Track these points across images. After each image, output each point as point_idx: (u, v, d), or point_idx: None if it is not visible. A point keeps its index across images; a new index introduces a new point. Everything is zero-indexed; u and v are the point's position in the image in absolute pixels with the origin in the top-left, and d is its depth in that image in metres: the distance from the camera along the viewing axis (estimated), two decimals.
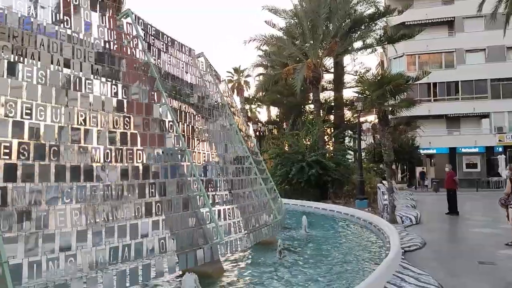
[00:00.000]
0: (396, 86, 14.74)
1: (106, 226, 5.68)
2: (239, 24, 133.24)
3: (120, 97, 6.70)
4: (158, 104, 7.53)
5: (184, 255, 6.40)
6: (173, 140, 7.70)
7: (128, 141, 6.55)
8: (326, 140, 29.49)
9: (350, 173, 23.83)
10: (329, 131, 31.73)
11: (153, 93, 7.53)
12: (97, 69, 6.41)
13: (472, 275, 7.62)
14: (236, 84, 60.39)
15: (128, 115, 6.72)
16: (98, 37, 6.76)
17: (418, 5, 40.88)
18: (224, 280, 7.32)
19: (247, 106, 51.89)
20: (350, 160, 27.97)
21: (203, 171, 8.48)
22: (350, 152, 29.42)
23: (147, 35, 8.21)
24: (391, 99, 15.49)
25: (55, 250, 4.89)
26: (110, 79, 6.63)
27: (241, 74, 61.36)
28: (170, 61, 8.83)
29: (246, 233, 8.54)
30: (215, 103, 10.23)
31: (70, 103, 5.77)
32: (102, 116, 6.24)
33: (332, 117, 34.87)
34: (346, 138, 34.18)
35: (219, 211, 8.00)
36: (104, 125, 6.25)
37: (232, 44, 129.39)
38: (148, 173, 6.75)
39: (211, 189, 8.26)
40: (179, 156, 7.68)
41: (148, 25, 8.29)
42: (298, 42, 29.21)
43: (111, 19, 7.08)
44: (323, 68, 30.37)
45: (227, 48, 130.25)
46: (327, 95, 38.50)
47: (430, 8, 41.27)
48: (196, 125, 8.78)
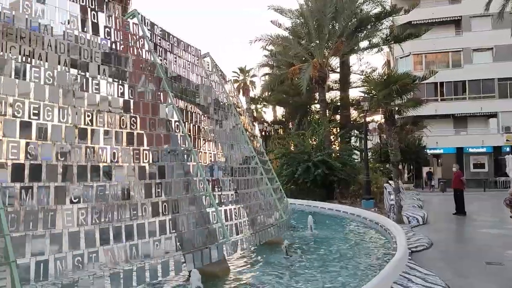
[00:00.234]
0: (402, 86, 14.66)
1: (114, 226, 5.70)
2: (244, 26, 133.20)
3: (126, 97, 6.74)
4: (164, 104, 7.55)
5: (191, 255, 6.42)
6: (179, 140, 7.72)
7: (135, 141, 6.58)
8: (332, 140, 29.43)
9: (356, 173, 23.75)
10: (335, 131, 31.67)
11: (159, 93, 7.56)
12: (103, 69, 6.45)
13: (480, 276, 7.57)
14: (242, 84, 60.39)
15: (134, 115, 6.75)
16: (105, 37, 6.80)
17: (424, 4, 40.65)
18: (231, 279, 7.33)
19: (253, 106, 51.90)
20: (356, 160, 27.85)
21: (209, 171, 8.50)
22: (356, 152, 29.32)
23: (153, 35, 8.23)
24: (397, 99, 15.40)
25: (62, 249, 4.92)
26: (116, 79, 6.66)
27: (246, 74, 61.36)
28: (176, 61, 8.85)
29: (252, 233, 8.54)
30: (221, 103, 10.23)
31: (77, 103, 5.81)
32: (109, 116, 6.28)
33: (338, 117, 34.80)
34: (352, 138, 34.06)
35: (225, 211, 8.01)
36: (111, 125, 6.28)
37: (237, 45, 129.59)
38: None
39: (217, 189, 8.27)
40: (185, 156, 7.69)
41: (155, 25, 8.31)
42: (304, 41, 29.16)
43: (117, 20, 7.11)
44: (329, 67, 30.30)
45: (233, 49, 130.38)
46: (333, 94, 38.42)
47: (437, 7, 41.04)
48: (202, 125, 8.80)
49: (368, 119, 28.18)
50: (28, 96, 5.23)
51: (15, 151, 4.88)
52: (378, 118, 34.24)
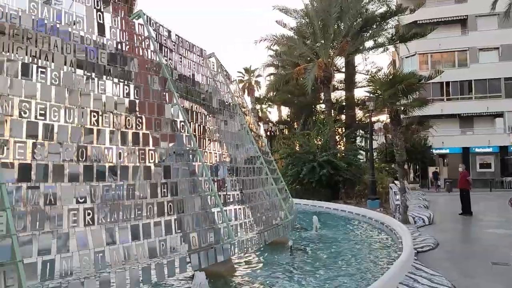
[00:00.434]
0: (408, 85, 14.62)
1: (119, 226, 5.72)
2: (246, 26, 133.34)
3: (132, 98, 6.76)
4: (169, 105, 7.57)
5: (196, 255, 6.43)
6: (185, 140, 7.73)
7: (140, 141, 6.61)
8: (337, 140, 29.37)
9: (362, 173, 23.69)
10: (340, 131, 31.61)
11: (164, 93, 7.58)
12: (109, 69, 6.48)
13: (486, 276, 7.53)
14: (247, 84, 60.53)
15: (140, 116, 6.77)
16: (111, 38, 6.83)
17: (430, 4, 40.55)
18: (236, 279, 7.34)
19: (258, 106, 51.95)
20: (362, 160, 27.81)
21: (214, 171, 8.50)
22: (362, 152, 29.26)
23: (159, 35, 8.26)
24: (403, 99, 15.37)
25: (68, 249, 4.94)
26: (122, 80, 6.69)
27: (251, 74, 61.48)
28: (181, 61, 8.87)
29: (257, 233, 8.55)
30: (226, 103, 10.25)
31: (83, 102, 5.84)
32: (114, 117, 6.30)
33: (344, 116, 34.75)
34: (358, 138, 33.98)
35: (230, 211, 8.02)
36: (116, 125, 6.30)
37: (242, 45, 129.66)
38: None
39: (222, 189, 8.28)
40: (190, 156, 7.70)
41: (160, 26, 8.34)
42: (309, 41, 29.12)
43: (123, 20, 7.13)
44: (334, 67, 30.23)
45: (238, 49, 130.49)
46: (338, 94, 38.32)
47: (443, 7, 40.90)
48: (207, 125, 8.81)
49: (373, 119, 28.15)
50: (35, 96, 5.26)
51: (21, 151, 4.91)
52: (384, 118, 34.25)
